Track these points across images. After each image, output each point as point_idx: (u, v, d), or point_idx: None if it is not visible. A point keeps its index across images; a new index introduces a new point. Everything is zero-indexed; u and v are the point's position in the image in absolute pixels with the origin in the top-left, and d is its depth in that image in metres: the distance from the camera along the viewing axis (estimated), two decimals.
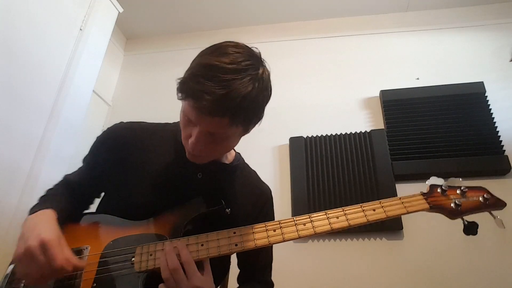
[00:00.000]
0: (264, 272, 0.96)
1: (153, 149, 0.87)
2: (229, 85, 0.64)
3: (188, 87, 0.67)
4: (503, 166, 1.76)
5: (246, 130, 0.78)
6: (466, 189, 0.74)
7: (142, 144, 0.87)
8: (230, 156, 0.94)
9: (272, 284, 0.97)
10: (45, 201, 0.84)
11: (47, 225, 0.73)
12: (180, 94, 0.70)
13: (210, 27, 2.52)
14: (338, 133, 2.00)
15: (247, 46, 0.73)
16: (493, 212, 0.73)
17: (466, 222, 0.72)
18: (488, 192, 0.74)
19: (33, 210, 0.79)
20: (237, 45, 0.72)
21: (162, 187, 0.83)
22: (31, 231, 0.70)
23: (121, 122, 0.92)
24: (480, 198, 0.73)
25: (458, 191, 0.75)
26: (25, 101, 1.34)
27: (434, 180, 0.77)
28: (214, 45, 0.72)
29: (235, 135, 0.76)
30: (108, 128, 0.91)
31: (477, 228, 0.71)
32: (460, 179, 0.76)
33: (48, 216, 0.76)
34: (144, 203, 0.82)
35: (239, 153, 0.99)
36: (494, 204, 0.72)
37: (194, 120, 0.70)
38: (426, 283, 1.62)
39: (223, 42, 0.72)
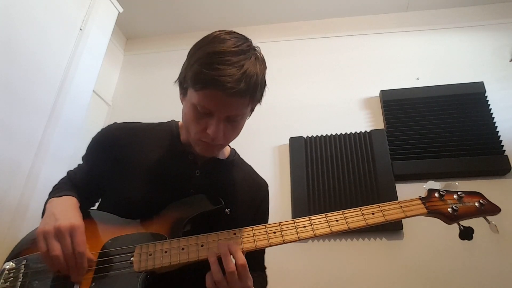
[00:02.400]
0: (260, 260, 0.96)
1: (148, 148, 0.87)
2: (243, 65, 0.69)
3: (206, 75, 0.68)
4: (503, 166, 1.76)
5: (253, 110, 0.82)
6: (463, 194, 0.75)
7: (136, 143, 0.87)
8: (226, 152, 0.95)
9: (265, 268, 0.97)
10: (64, 190, 0.85)
11: (75, 212, 0.77)
12: (198, 85, 0.70)
13: (210, 27, 2.48)
14: (338, 133, 2.00)
15: (235, 31, 0.77)
16: (488, 217, 0.73)
17: (462, 227, 0.73)
18: (484, 198, 0.74)
19: (56, 195, 0.81)
20: (227, 31, 0.75)
21: (160, 186, 0.83)
22: (62, 213, 0.74)
23: (115, 123, 0.92)
24: (476, 204, 0.73)
25: (455, 196, 0.75)
26: (25, 101, 1.34)
27: (431, 184, 0.78)
28: (207, 36, 0.75)
29: (246, 116, 0.80)
30: (102, 130, 0.91)
31: (473, 233, 0.71)
32: (457, 183, 0.77)
33: (74, 203, 0.80)
34: (142, 202, 0.82)
35: (234, 148, 0.99)
36: (489, 209, 0.73)
37: (214, 107, 0.71)
38: (426, 283, 1.62)
39: (214, 32, 0.75)
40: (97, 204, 0.96)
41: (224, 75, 0.67)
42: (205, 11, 2.41)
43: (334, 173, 1.89)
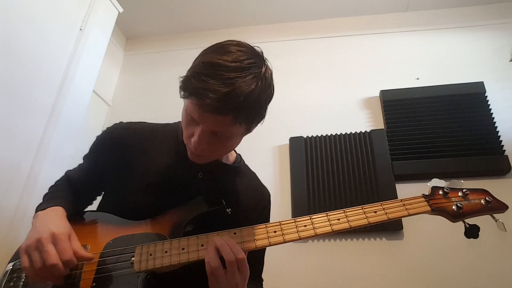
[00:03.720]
0: (257, 269, 0.94)
1: (153, 149, 0.87)
2: (232, 83, 0.64)
3: (191, 85, 0.67)
4: (503, 166, 1.76)
5: (249, 129, 0.78)
6: (468, 192, 0.73)
7: (141, 144, 0.87)
8: (231, 157, 0.94)
9: (261, 280, 0.96)
10: (52, 198, 0.85)
11: (58, 220, 0.76)
12: (183, 93, 0.70)
13: (210, 27, 2.52)
14: (338, 133, 2.00)
15: (250, 45, 0.74)
16: (494, 215, 0.72)
17: (467, 225, 0.71)
18: (490, 195, 0.73)
19: (42, 207, 0.80)
20: (239, 43, 0.72)
21: (163, 186, 0.83)
22: (42, 225, 0.73)
23: (121, 122, 0.92)
24: (482, 201, 0.72)
25: (460, 193, 0.74)
26: (25, 101, 1.34)
27: (436, 182, 0.77)
28: (216, 44, 0.73)
29: (238, 134, 0.76)
30: (108, 128, 0.91)
31: (479, 231, 0.70)
32: (462, 181, 0.75)
33: (59, 213, 0.79)
34: (144, 203, 0.82)
35: (239, 154, 0.99)
36: (496, 207, 0.71)
37: (197, 119, 0.70)
38: (426, 283, 1.62)
39: (226, 41, 0.72)
40: (95, 203, 0.96)
41: (207, 89, 0.64)
42: (205, 11, 2.41)
43: (334, 173, 1.89)
